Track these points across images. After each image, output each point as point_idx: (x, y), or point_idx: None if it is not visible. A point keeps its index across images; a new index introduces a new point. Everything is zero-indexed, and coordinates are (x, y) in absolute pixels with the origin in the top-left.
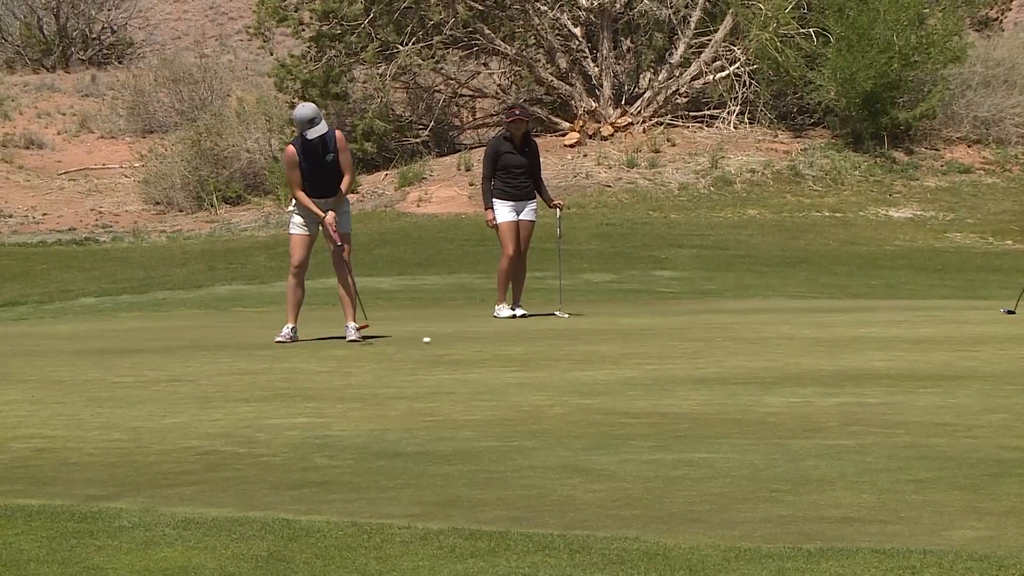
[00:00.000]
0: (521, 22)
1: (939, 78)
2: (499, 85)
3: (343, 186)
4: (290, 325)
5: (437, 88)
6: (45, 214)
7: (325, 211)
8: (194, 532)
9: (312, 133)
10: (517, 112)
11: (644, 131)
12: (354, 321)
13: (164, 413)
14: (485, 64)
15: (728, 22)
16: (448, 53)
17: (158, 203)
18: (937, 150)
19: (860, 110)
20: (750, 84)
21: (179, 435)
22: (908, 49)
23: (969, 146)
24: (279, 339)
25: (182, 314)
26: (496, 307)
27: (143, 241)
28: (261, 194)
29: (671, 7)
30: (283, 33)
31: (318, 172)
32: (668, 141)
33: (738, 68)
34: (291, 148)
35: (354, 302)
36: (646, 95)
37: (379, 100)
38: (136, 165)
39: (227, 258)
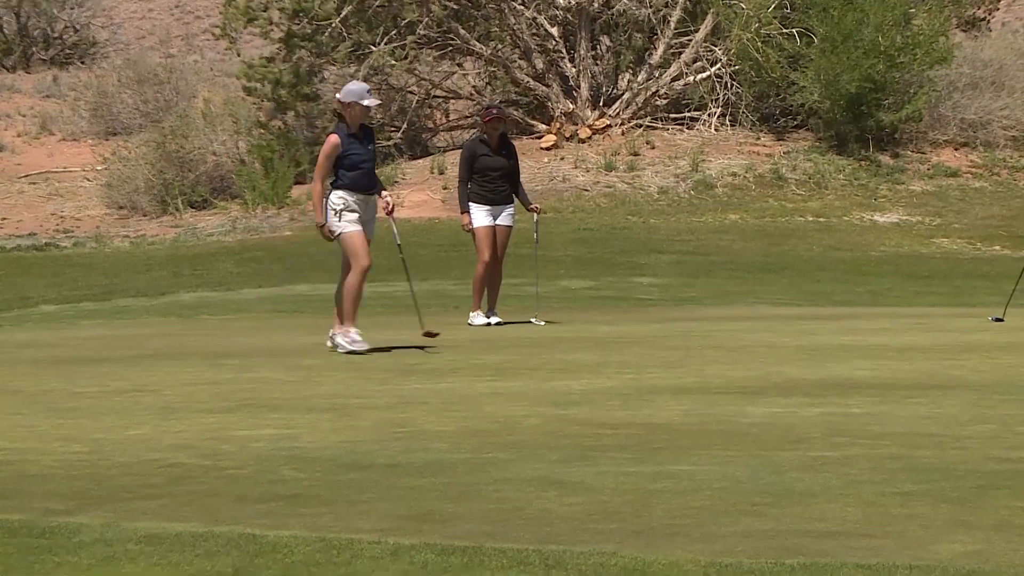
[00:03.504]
0: (497, 21)
1: (925, 80)
2: (474, 86)
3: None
4: (356, 330)
5: (410, 89)
6: (4, 219)
7: (367, 209)
8: (157, 548)
9: (372, 102)
10: (494, 112)
11: (623, 133)
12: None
13: (126, 424)
14: (459, 65)
15: (709, 22)
16: (422, 53)
17: (121, 207)
18: (923, 153)
19: (844, 112)
20: (731, 85)
21: (142, 447)
22: (893, 50)
23: (956, 149)
24: (360, 348)
25: (146, 322)
26: (471, 314)
27: (105, 246)
28: (228, 198)
29: (650, 6)
30: (251, 33)
31: (366, 164)
32: (647, 144)
33: (719, 69)
34: (334, 136)
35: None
36: (625, 96)
37: None
38: (99, 168)
39: (192, 264)
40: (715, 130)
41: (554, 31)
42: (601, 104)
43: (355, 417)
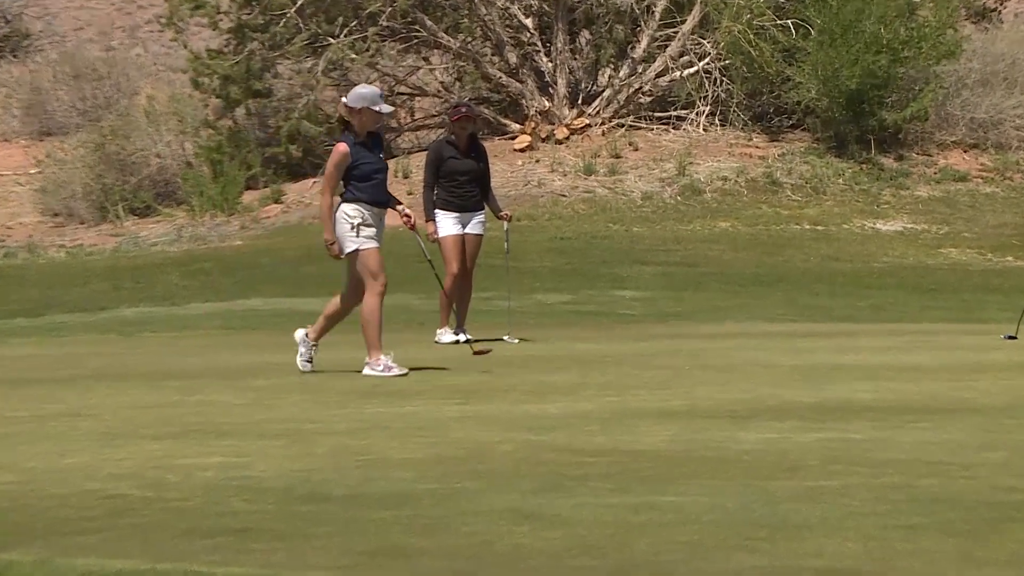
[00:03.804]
0: (466, 12)
1: (932, 75)
2: (441, 82)
3: None
4: (387, 353)
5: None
6: None
7: (380, 222)
8: None
9: (385, 108)
10: (463, 110)
11: (603, 134)
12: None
13: (63, 452)
14: (426, 59)
15: (697, 12)
16: (384, 46)
17: (56, 214)
18: (930, 156)
19: (844, 111)
20: (721, 82)
21: (80, 477)
22: (897, 43)
23: (965, 151)
24: (397, 372)
25: (83, 340)
26: (438, 331)
27: (39, 257)
28: (173, 204)
29: None
30: (199, 24)
31: (380, 174)
32: (630, 145)
33: (708, 64)
34: (343, 145)
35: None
36: (605, 94)
37: (307, 99)
38: (32, 172)
39: (134, 276)
40: (704, 130)
41: (528, 22)
42: (580, 102)
43: (311, 443)
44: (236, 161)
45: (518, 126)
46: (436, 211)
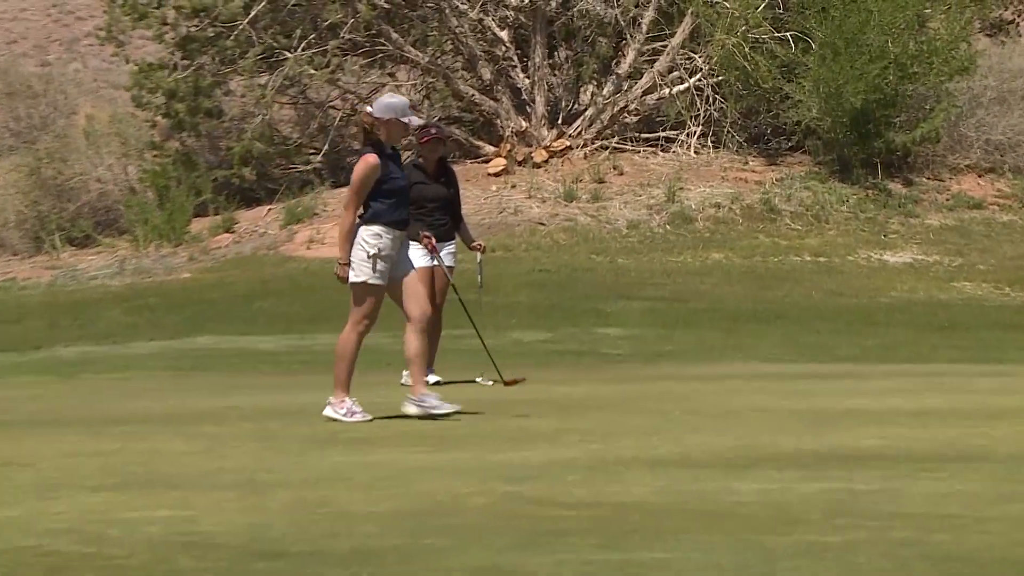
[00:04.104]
0: (435, 24)
1: (943, 93)
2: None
3: None
4: (351, 398)
5: (332, 103)
6: None
7: (403, 248)
8: None
9: (415, 121)
10: (432, 131)
11: (585, 157)
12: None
13: None
14: (391, 75)
15: (687, 24)
16: (346, 61)
17: None
18: (942, 181)
19: (848, 132)
20: (714, 100)
21: (13, 532)
22: (906, 57)
23: (980, 176)
24: (360, 418)
25: (17, 382)
26: (404, 372)
27: None
28: (115, 234)
29: (618, 6)
30: (143, 36)
31: (405, 195)
32: (614, 169)
33: (699, 80)
34: (373, 156)
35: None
36: (588, 113)
37: (261, 118)
38: None
39: (73, 313)
40: (695, 153)
41: (504, 35)
42: (560, 122)
43: (266, 496)
44: (184, 186)
45: (492, 148)
46: None
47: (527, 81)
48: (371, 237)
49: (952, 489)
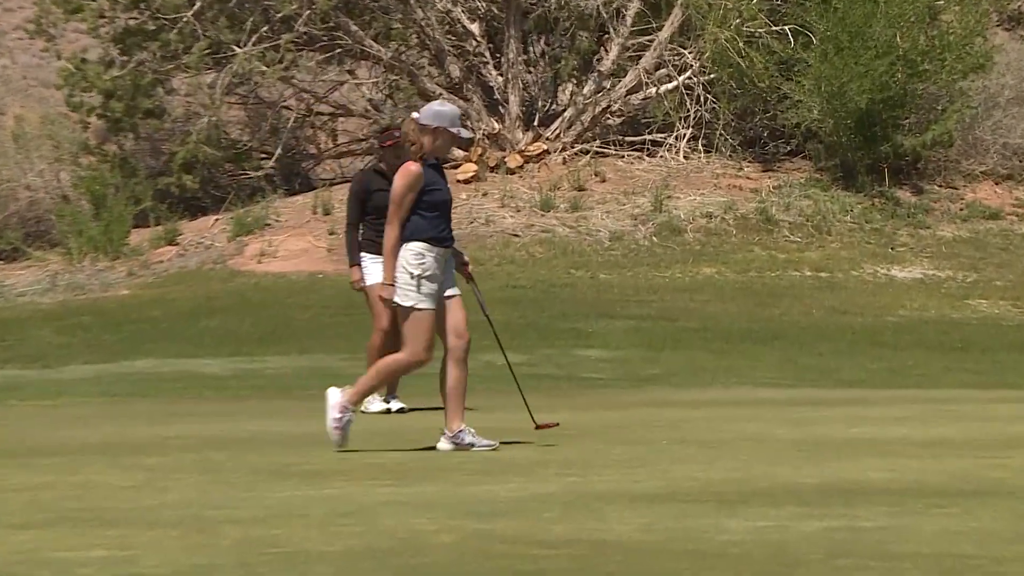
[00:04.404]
0: (399, 16)
1: (957, 92)
2: (370, 100)
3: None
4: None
5: (286, 103)
6: None
7: (447, 268)
8: None
9: (464, 133)
10: (397, 135)
11: (564, 162)
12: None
13: None
14: (351, 72)
15: (676, 17)
16: (301, 57)
17: None
18: (955, 189)
19: (852, 135)
20: (706, 100)
21: None
22: (916, 53)
23: (997, 183)
24: (484, 444)
25: None
26: (365, 398)
27: None
28: (46, 246)
29: None
30: (76, 30)
31: (448, 208)
32: (596, 175)
33: (689, 78)
34: (415, 164)
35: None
36: (567, 114)
37: (207, 119)
38: None
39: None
40: (685, 158)
41: (474, 28)
42: (536, 124)
43: (212, 534)
44: (122, 194)
45: (462, 153)
46: (362, 255)
47: (500, 79)
48: (413, 257)
49: (966, 527)
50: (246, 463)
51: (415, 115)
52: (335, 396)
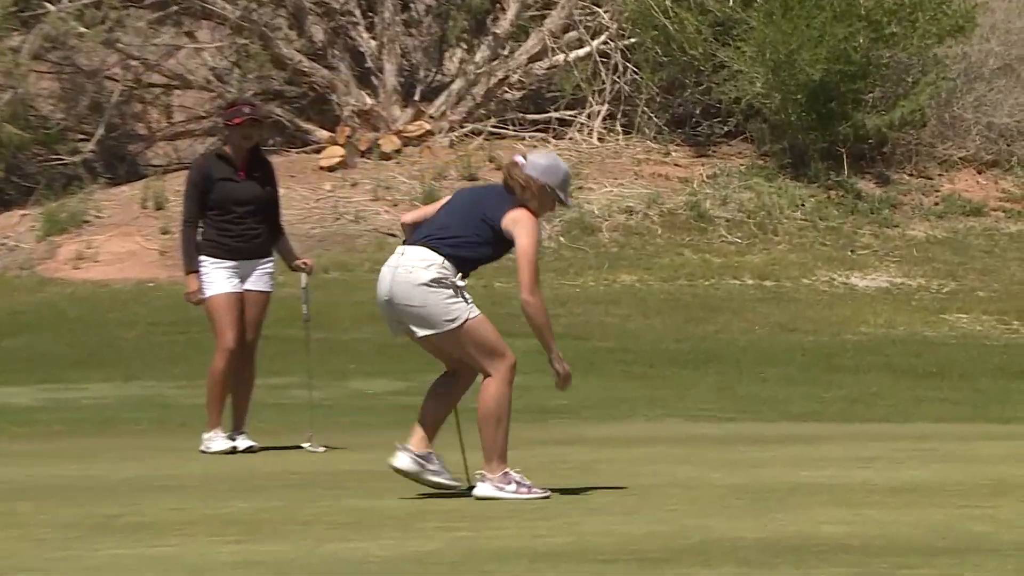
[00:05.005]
0: None
1: (931, 61)
2: (212, 69)
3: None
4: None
5: (110, 73)
6: None
7: None
8: None
9: (568, 201)
10: (246, 110)
11: (452, 144)
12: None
13: None
14: (189, 34)
15: None
16: (128, 16)
17: None
18: (929, 178)
19: (804, 113)
20: (625, 69)
21: None
22: (881, 14)
23: (980, 172)
24: (539, 495)
25: None
26: (205, 435)
27: None
28: None
29: None
30: None
31: None
32: (491, 161)
33: (605, 43)
34: (532, 217)
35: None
36: (455, 87)
37: (12, 92)
38: None
39: None
40: (599, 140)
41: None
42: (417, 98)
43: None
44: None
45: (326, 133)
46: (202, 259)
47: (373, 43)
48: (442, 271)
49: None
50: (60, 516)
51: (519, 159)
52: (486, 489)
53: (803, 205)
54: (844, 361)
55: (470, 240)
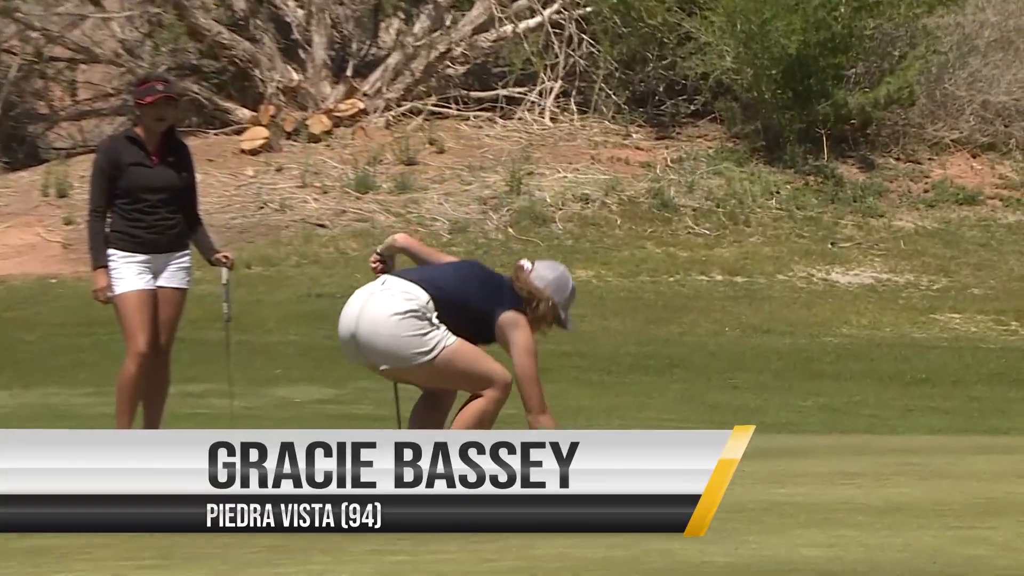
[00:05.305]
0: None
1: (921, 33)
2: (122, 41)
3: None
4: None
5: (8, 46)
6: None
7: None
8: None
9: (570, 326)
10: (160, 88)
11: (388, 125)
12: None
13: None
14: (96, 3)
15: None
16: None
17: None
18: (918, 163)
19: (779, 90)
20: (580, 42)
21: None
22: None
23: (974, 156)
24: None
25: None
26: None
27: None
28: None
29: None
30: None
31: None
32: (432, 144)
33: (559, 12)
34: (523, 317)
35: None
36: (391, 61)
37: None
38: None
39: None
40: (552, 120)
41: None
42: (350, 74)
43: None
44: None
45: (248, 113)
46: (111, 253)
47: (300, 13)
48: (408, 301)
49: None
50: None
51: (525, 264)
52: None
53: (778, 193)
54: (824, 366)
55: (464, 305)
